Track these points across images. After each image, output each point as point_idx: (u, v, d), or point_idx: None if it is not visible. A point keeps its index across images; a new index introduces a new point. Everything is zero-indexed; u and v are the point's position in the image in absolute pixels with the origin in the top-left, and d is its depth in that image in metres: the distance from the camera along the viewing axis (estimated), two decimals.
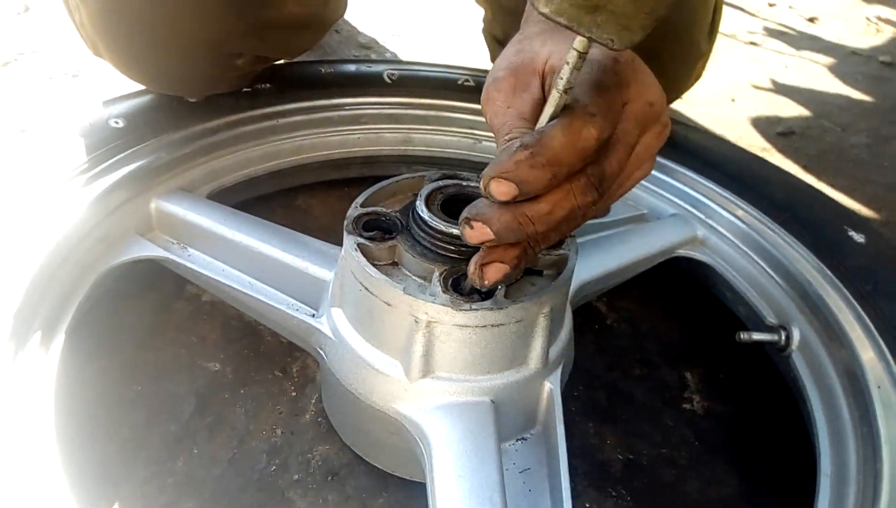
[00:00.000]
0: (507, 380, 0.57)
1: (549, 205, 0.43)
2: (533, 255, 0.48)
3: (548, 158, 0.41)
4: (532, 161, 0.41)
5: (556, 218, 0.44)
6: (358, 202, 0.62)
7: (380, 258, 0.57)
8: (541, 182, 0.41)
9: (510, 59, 0.51)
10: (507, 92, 0.49)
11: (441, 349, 0.55)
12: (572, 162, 0.42)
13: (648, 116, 0.48)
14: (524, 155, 0.41)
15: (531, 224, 0.43)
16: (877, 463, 0.54)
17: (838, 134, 1.44)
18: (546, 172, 0.41)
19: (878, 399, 0.58)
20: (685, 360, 0.81)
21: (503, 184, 0.41)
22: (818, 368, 0.67)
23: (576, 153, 0.42)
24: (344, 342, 0.60)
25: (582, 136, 0.41)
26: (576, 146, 0.41)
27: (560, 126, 0.41)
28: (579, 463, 0.67)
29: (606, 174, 0.45)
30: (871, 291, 0.69)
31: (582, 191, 0.43)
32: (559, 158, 0.41)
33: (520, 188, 0.41)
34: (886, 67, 1.84)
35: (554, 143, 0.41)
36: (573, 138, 0.41)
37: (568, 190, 0.43)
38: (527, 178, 0.41)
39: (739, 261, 0.80)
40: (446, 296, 0.53)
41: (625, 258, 0.79)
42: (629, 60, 0.47)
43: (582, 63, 0.41)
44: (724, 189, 0.84)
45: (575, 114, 0.42)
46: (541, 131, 0.42)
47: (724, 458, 0.70)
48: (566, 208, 0.44)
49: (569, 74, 0.41)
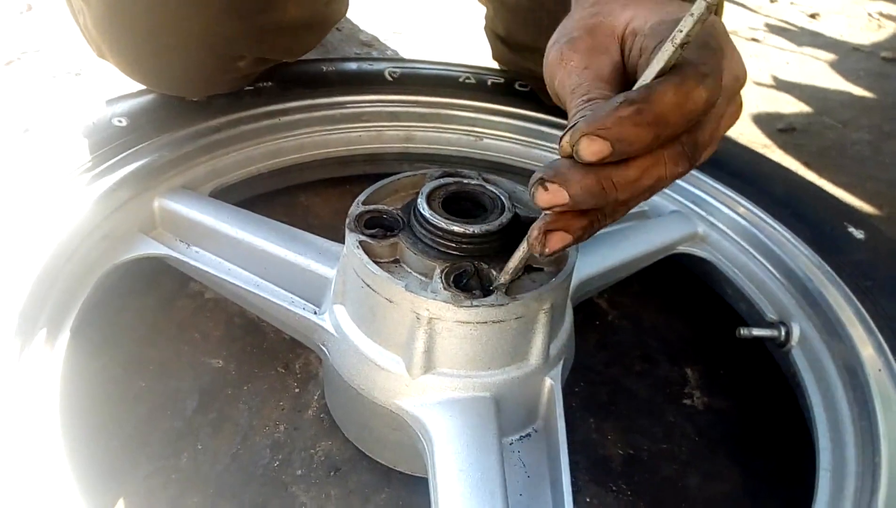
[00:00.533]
0: (508, 376, 0.57)
1: (638, 171, 0.39)
2: (598, 228, 0.44)
3: (655, 116, 0.37)
4: (637, 118, 0.37)
5: (643, 186, 0.40)
6: (360, 200, 0.62)
7: (382, 256, 0.58)
8: (642, 142, 0.38)
9: (586, 20, 0.48)
10: (583, 53, 0.46)
11: (442, 345, 0.55)
12: (679, 123, 0.38)
13: (734, 91, 0.45)
14: (629, 111, 0.37)
15: (615, 190, 0.40)
16: (875, 458, 0.54)
17: (840, 130, 1.44)
18: (650, 131, 0.37)
19: (877, 395, 0.59)
20: (686, 356, 0.82)
21: (597, 142, 0.37)
22: (817, 363, 0.67)
23: (684, 115, 0.38)
24: (346, 338, 0.60)
25: (693, 96, 0.38)
26: (685, 107, 0.38)
27: (673, 83, 0.38)
28: (580, 458, 0.68)
29: (699, 144, 0.41)
30: (870, 287, 0.69)
31: (674, 159, 0.40)
32: (667, 117, 0.37)
33: (614, 148, 0.37)
34: (888, 63, 1.84)
35: (665, 99, 0.37)
36: (684, 98, 0.38)
37: (660, 156, 0.40)
38: (627, 136, 0.37)
39: (740, 257, 0.80)
40: (447, 293, 0.53)
41: (625, 255, 0.79)
42: (721, 31, 0.45)
43: (708, 16, 0.36)
44: (725, 186, 0.84)
45: (688, 72, 0.38)
46: (649, 87, 0.38)
47: (724, 453, 0.70)
48: (654, 177, 0.40)
49: (690, 27, 0.37)
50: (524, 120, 0.95)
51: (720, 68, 0.41)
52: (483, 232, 0.56)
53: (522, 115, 0.95)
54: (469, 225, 0.56)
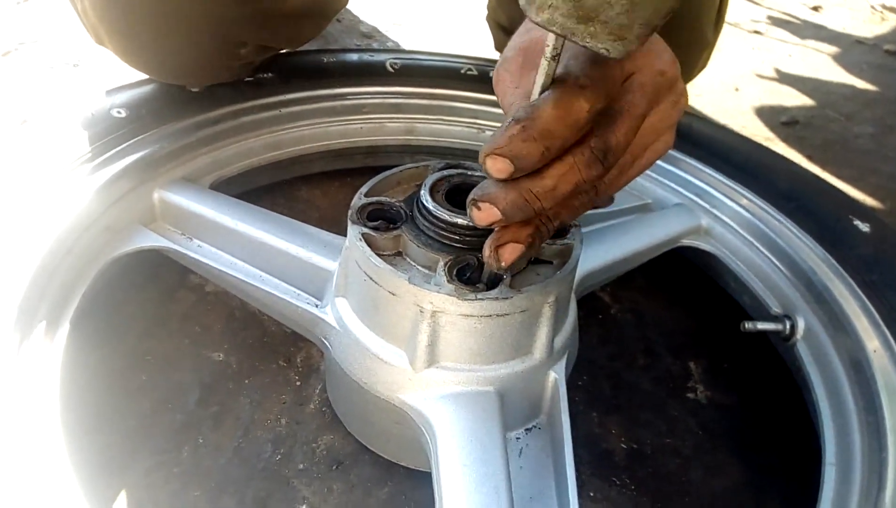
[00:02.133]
0: (512, 370, 0.57)
1: (552, 180, 0.42)
2: (547, 233, 0.48)
3: (539, 131, 0.40)
4: (524, 134, 0.40)
5: (562, 193, 0.43)
6: (362, 192, 0.62)
7: (384, 248, 0.57)
8: (534, 155, 0.41)
9: (520, 38, 0.50)
10: (514, 72, 0.48)
11: (446, 338, 0.55)
12: (565, 134, 0.41)
13: (660, 86, 0.46)
14: (516, 129, 0.40)
15: (537, 201, 0.43)
16: (882, 452, 0.54)
17: (843, 124, 1.43)
18: (538, 145, 0.40)
19: (883, 388, 0.58)
20: (689, 350, 0.81)
21: (498, 160, 0.41)
22: (823, 357, 0.67)
23: (567, 126, 0.41)
24: (348, 331, 0.60)
25: (573, 108, 0.41)
26: (567, 119, 0.41)
27: (550, 98, 0.41)
28: (583, 452, 0.68)
29: (611, 146, 0.44)
30: (875, 280, 0.68)
31: (586, 164, 0.43)
32: (551, 130, 0.41)
33: (514, 163, 0.41)
34: (891, 56, 1.83)
35: (544, 115, 0.40)
36: (564, 111, 0.41)
37: (571, 164, 0.42)
38: (520, 152, 0.41)
39: (744, 251, 0.80)
40: (451, 286, 0.53)
41: (629, 248, 0.78)
42: None
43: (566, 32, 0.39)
44: (729, 179, 0.84)
45: (565, 86, 0.41)
46: (531, 104, 0.41)
47: (727, 447, 0.70)
48: (571, 183, 0.43)
49: (553, 41, 0.40)
50: None
51: (612, 74, 0.43)
52: (485, 226, 0.55)
53: None
54: None
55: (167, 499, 0.59)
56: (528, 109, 0.41)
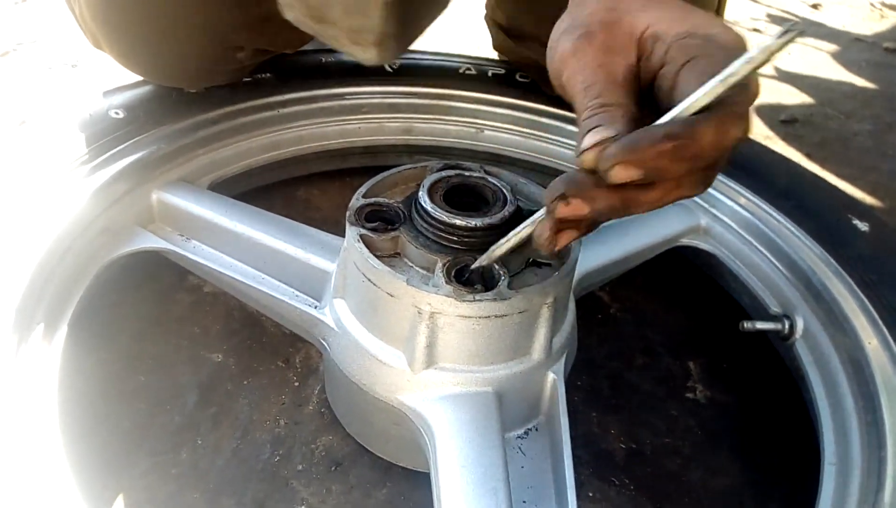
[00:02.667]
0: (511, 371, 0.57)
1: (661, 193, 0.40)
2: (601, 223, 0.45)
3: (694, 153, 0.38)
4: (677, 154, 0.38)
5: (659, 203, 0.41)
6: (360, 193, 0.61)
7: (382, 249, 0.57)
8: (675, 174, 0.39)
9: (602, 14, 0.46)
10: (598, 49, 0.45)
11: (444, 339, 0.55)
12: (714, 160, 0.39)
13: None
14: (670, 146, 0.37)
15: (636, 207, 0.41)
16: (881, 451, 0.54)
17: (842, 121, 1.43)
18: (686, 165, 0.38)
19: (882, 387, 0.58)
20: (688, 349, 0.81)
21: (631, 170, 0.38)
22: (822, 357, 0.66)
23: (719, 152, 0.39)
24: (347, 332, 0.60)
25: (729, 136, 0.38)
26: (721, 145, 0.38)
27: (714, 123, 0.38)
28: (582, 453, 0.67)
29: (720, 169, 0.42)
30: (874, 279, 0.68)
31: (694, 185, 0.41)
32: (705, 154, 0.38)
33: (646, 176, 0.38)
34: (891, 54, 1.83)
35: (706, 138, 0.38)
36: (723, 137, 0.38)
37: (683, 180, 0.40)
38: (664, 169, 0.38)
39: (743, 250, 0.80)
40: (449, 287, 0.53)
41: (628, 248, 0.78)
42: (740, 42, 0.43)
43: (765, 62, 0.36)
44: (728, 178, 0.84)
45: (728, 112, 0.38)
46: (691, 124, 0.38)
47: (727, 447, 0.70)
48: (674, 197, 0.41)
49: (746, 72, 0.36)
50: (525, 111, 0.94)
51: (750, 105, 0.41)
52: (485, 225, 0.55)
53: (524, 106, 0.94)
54: (471, 218, 0.55)
55: (165, 501, 0.59)
56: (688, 127, 0.38)
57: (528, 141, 0.96)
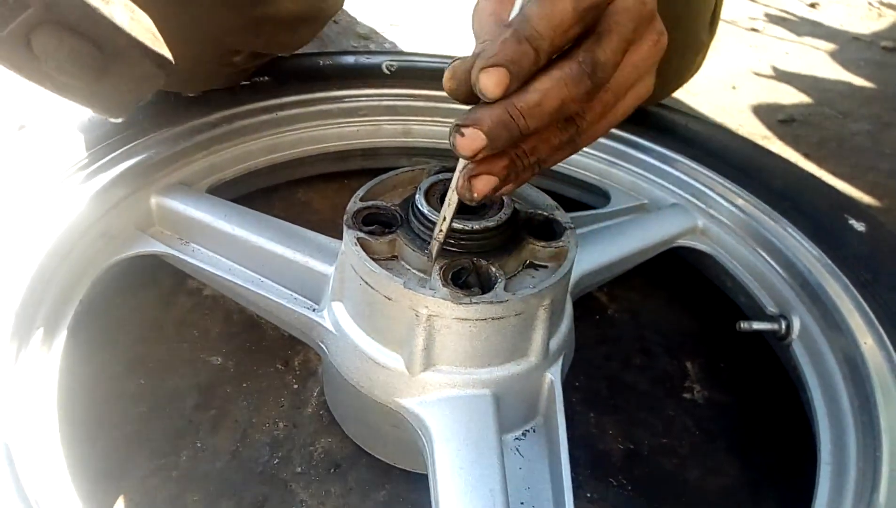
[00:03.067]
0: (508, 372, 0.57)
1: (538, 94, 0.41)
2: (522, 169, 0.46)
3: (529, 32, 0.40)
4: (517, 35, 0.40)
5: (548, 109, 0.42)
6: (357, 196, 0.62)
7: (380, 253, 0.58)
8: (529, 58, 0.40)
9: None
10: (495, 4, 0.48)
11: (442, 342, 0.55)
12: (552, 35, 0.41)
13: (642, 15, 0.45)
14: (508, 33, 0.40)
15: (522, 118, 0.41)
16: (876, 452, 0.54)
17: (839, 121, 1.43)
18: (530, 47, 0.40)
19: (878, 387, 0.58)
20: (686, 349, 0.81)
21: (493, 73, 0.40)
22: (818, 357, 0.67)
23: (554, 26, 0.40)
24: (345, 335, 0.60)
25: (557, 9, 0.40)
26: (553, 17, 0.40)
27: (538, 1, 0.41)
28: (580, 454, 0.68)
29: (599, 61, 0.42)
30: (871, 279, 0.68)
31: (574, 78, 0.42)
32: (539, 30, 0.40)
33: (509, 70, 0.40)
34: (888, 53, 1.83)
35: (532, 14, 0.40)
36: (549, 9, 0.40)
37: (558, 78, 0.42)
38: (514, 55, 0.40)
39: (740, 250, 0.80)
40: (446, 290, 0.53)
41: (625, 249, 0.79)
42: None
43: None
44: (725, 178, 0.84)
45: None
46: (520, 9, 0.41)
47: (724, 447, 0.70)
48: (557, 98, 0.42)
49: None
50: None
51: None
52: (482, 228, 0.56)
53: None
54: (467, 221, 0.55)
55: (165, 504, 0.60)
56: (518, 15, 0.41)
57: None
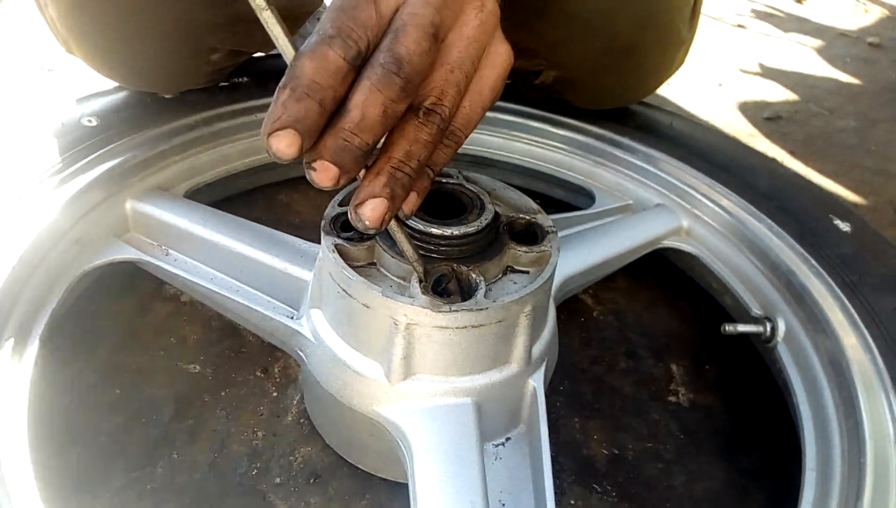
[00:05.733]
0: (490, 380, 0.56)
1: (357, 109, 0.40)
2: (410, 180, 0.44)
3: (306, 87, 0.39)
4: (294, 96, 0.39)
5: (375, 118, 0.41)
6: (336, 201, 0.61)
7: (358, 259, 0.56)
8: (313, 112, 0.39)
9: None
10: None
11: (421, 350, 0.54)
12: (330, 84, 0.40)
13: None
14: (285, 94, 0.39)
15: (355, 136, 0.40)
16: (861, 458, 0.53)
17: (826, 118, 1.43)
18: (311, 101, 0.39)
19: (862, 392, 0.58)
20: (671, 352, 0.81)
21: (282, 136, 0.39)
22: (803, 360, 0.66)
23: (329, 75, 0.40)
24: (323, 344, 0.59)
25: (329, 59, 0.40)
26: (327, 69, 0.40)
27: (305, 54, 0.40)
28: (564, 460, 0.67)
29: (401, 55, 0.41)
30: (855, 281, 0.68)
31: (383, 82, 0.40)
32: (317, 83, 0.39)
33: (299, 130, 0.39)
34: (875, 49, 1.83)
35: (304, 70, 0.39)
36: (321, 62, 0.39)
37: (367, 86, 0.40)
38: (297, 114, 0.39)
39: (725, 251, 0.79)
40: (425, 298, 0.52)
41: (609, 251, 0.78)
42: None
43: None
44: (710, 178, 0.83)
45: (315, 40, 0.40)
46: (291, 66, 0.40)
47: (709, 451, 0.70)
48: (377, 104, 0.41)
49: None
50: (507, 112, 0.93)
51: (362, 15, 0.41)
52: (462, 234, 0.55)
53: (505, 107, 0.93)
54: (447, 227, 0.54)
55: None
56: (289, 71, 0.40)
57: (510, 143, 0.95)
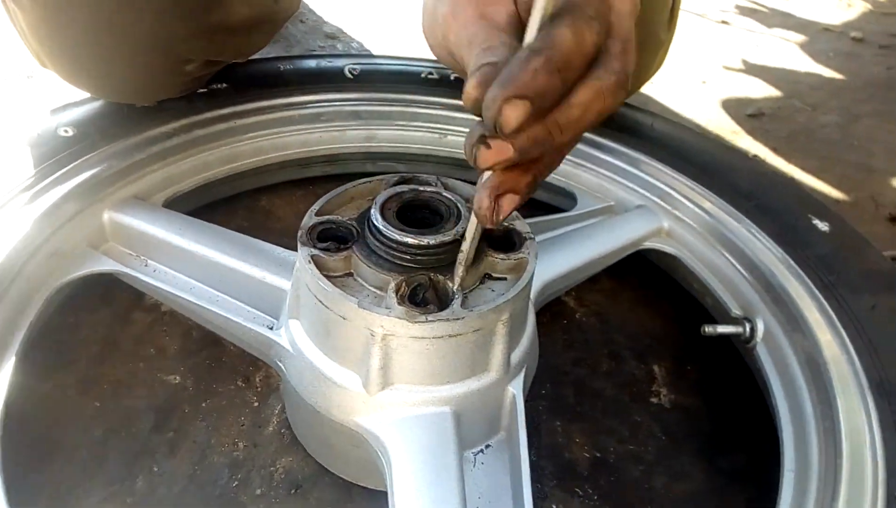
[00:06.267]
0: (468, 388, 0.56)
1: (580, 109, 0.39)
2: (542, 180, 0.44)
3: (562, 61, 0.37)
4: (549, 66, 0.36)
5: (586, 123, 0.40)
6: (313, 211, 0.60)
7: (334, 269, 0.56)
8: (558, 91, 0.38)
9: None
10: (476, 4, 0.45)
11: (399, 361, 0.54)
12: (580, 66, 0.39)
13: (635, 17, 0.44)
14: (539, 61, 0.36)
15: (560, 132, 0.39)
16: (837, 459, 0.54)
17: (809, 114, 1.44)
18: (559, 78, 0.37)
19: (839, 393, 0.58)
20: (653, 353, 0.81)
21: (519, 106, 0.36)
22: (781, 361, 0.66)
23: (583, 56, 0.38)
24: (302, 354, 0.58)
25: (586, 38, 0.38)
26: (583, 49, 0.38)
27: (567, 25, 0.37)
28: (546, 463, 0.67)
29: (630, 71, 0.41)
30: (833, 281, 0.68)
31: (613, 92, 0.40)
32: (570, 61, 0.38)
33: (535, 104, 0.37)
34: (858, 43, 1.84)
35: (566, 42, 0.37)
36: (580, 39, 0.38)
37: (598, 90, 0.39)
38: (545, 88, 0.37)
39: (705, 252, 0.79)
40: (401, 308, 0.52)
41: (590, 254, 0.78)
42: None
43: None
44: (690, 179, 0.83)
45: (577, 16, 0.38)
46: (548, 33, 0.37)
47: (690, 451, 0.70)
48: (596, 111, 0.40)
49: None
50: None
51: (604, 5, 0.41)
52: (438, 243, 0.55)
53: None
54: (423, 236, 0.54)
55: None
56: (545, 37, 0.37)
57: None
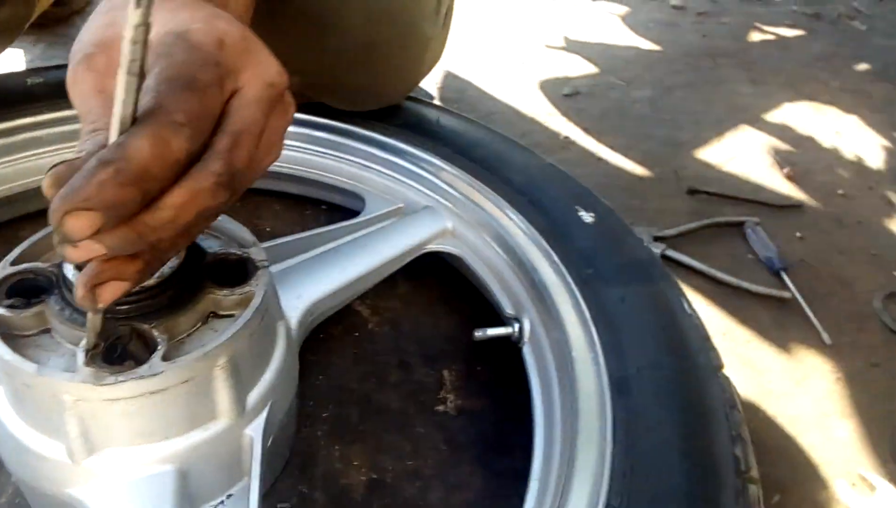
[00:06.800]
0: (192, 441, 0.52)
1: (171, 211, 0.37)
2: (158, 266, 0.43)
3: (136, 175, 0.34)
4: (119, 179, 0.34)
5: (183, 223, 0.38)
6: (8, 260, 0.54)
7: (27, 328, 0.50)
8: (133, 204, 0.35)
9: (102, 31, 0.43)
10: (98, 73, 0.41)
11: (100, 425, 0.49)
12: (163, 176, 0.36)
13: (272, 99, 0.42)
14: (107, 173, 0.34)
15: (154, 233, 0.37)
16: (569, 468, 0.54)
17: (623, 90, 1.47)
18: (135, 190, 0.35)
19: (581, 396, 0.59)
20: (444, 357, 0.80)
21: (83, 217, 0.33)
22: (542, 361, 0.67)
23: (167, 167, 0.36)
24: (3, 426, 0.52)
25: (171, 148, 0.35)
26: (166, 160, 0.36)
27: (146, 135, 0.35)
28: (319, 495, 0.64)
29: (238, 171, 0.39)
30: (591, 274, 0.69)
31: (212, 192, 0.38)
32: (150, 173, 0.35)
33: (106, 215, 0.34)
34: (677, 12, 1.91)
35: (140, 155, 0.34)
36: (163, 150, 0.35)
37: (195, 193, 0.37)
38: (115, 201, 0.34)
39: (484, 251, 0.79)
40: (88, 370, 0.47)
41: (366, 265, 0.75)
42: (238, 41, 0.41)
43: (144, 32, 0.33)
44: (471, 176, 0.82)
45: (161, 123, 0.35)
46: (122, 144, 0.35)
47: (470, 459, 0.69)
48: (193, 212, 0.38)
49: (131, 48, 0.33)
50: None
51: (211, 105, 0.39)
52: (138, 289, 0.50)
53: None
54: None
55: None
56: (118, 148, 0.34)
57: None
